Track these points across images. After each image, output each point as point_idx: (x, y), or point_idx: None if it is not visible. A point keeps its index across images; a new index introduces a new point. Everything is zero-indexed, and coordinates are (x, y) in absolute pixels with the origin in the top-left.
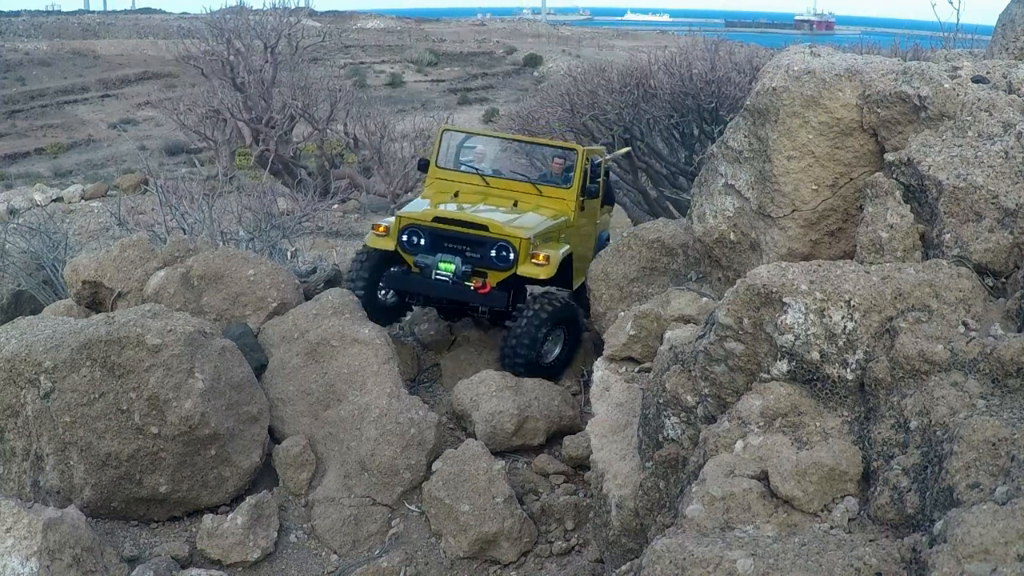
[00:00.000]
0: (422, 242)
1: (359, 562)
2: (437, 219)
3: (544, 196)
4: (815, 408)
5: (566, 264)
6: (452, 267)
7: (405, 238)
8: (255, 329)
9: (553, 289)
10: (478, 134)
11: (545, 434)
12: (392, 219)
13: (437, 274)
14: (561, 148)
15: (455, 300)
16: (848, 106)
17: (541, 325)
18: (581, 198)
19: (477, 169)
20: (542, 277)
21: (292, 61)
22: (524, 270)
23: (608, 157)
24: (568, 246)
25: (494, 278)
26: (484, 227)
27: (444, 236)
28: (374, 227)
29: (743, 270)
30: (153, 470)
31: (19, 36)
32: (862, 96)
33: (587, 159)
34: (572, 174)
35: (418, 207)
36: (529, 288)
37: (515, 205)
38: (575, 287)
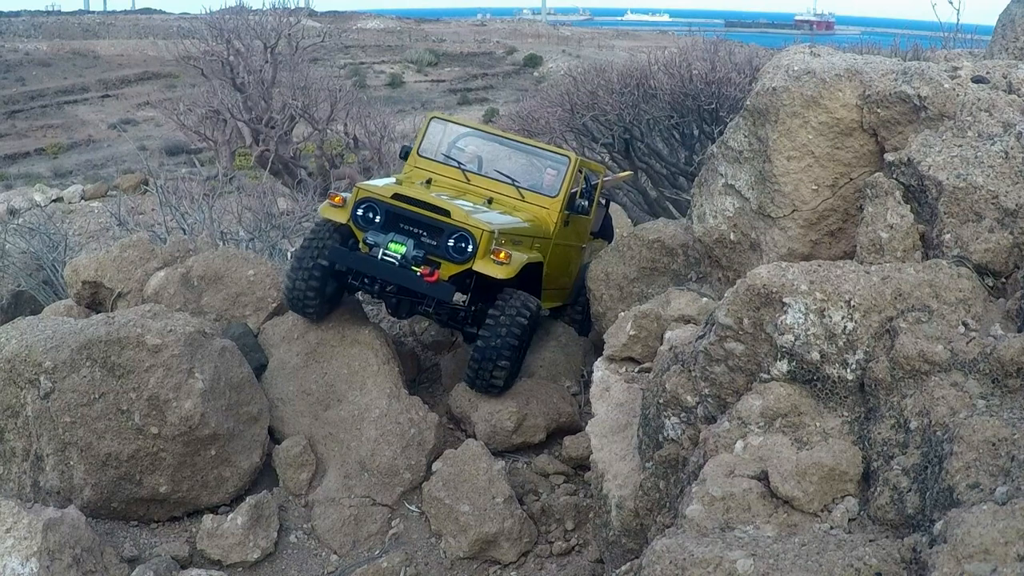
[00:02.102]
0: (377, 219)
1: (359, 562)
2: (397, 196)
3: (525, 202)
4: (815, 408)
5: (534, 276)
6: (403, 249)
7: (360, 212)
8: (255, 329)
9: (532, 298)
10: (467, 125)
11: (545, 431)
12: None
13: (385, 254)
14: (554, 153)
15: (397, 284)
16: (848, 106)
17: (522, 334)
18: (566, 211)
19: (459, 163)
20: (500, 277)
21: (292, 61)
22: (481, 266)
23: (609, 180)
24: (540, 255)
25: (447, 270)
26: (446, 212)
27: (401, 216)
28: (330, 195)
29: (743, 270)
30: (153, 470)
31: (19, 36)
32: (862, 96)
33: (580, 170)
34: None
35: (379, 182)
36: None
37: (489, 203)
38: (545, 307)
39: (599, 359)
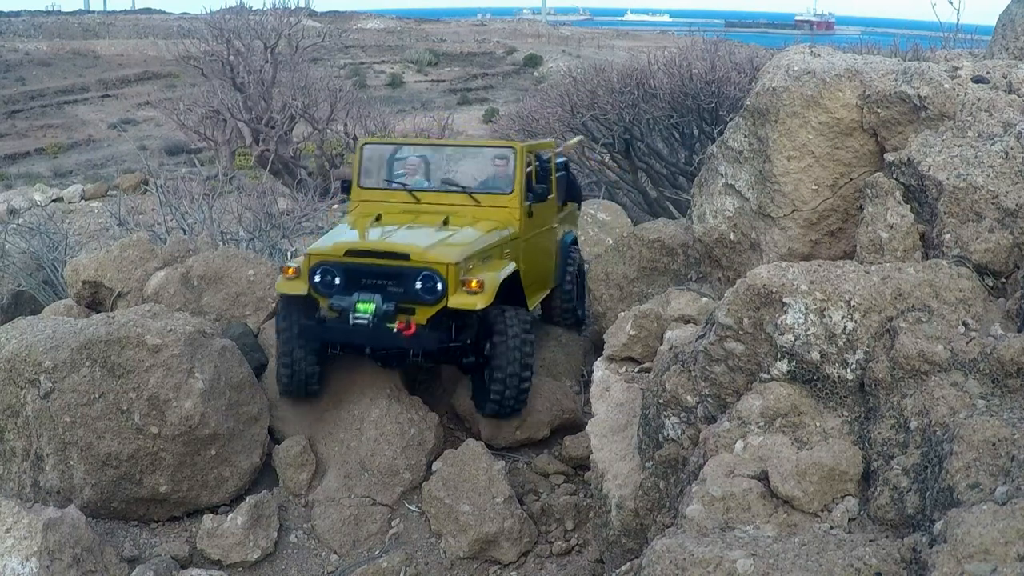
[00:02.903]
0: (337, 281)
1: (359, 562)
2: (350, 252)
3: (483, 207)
4: (815, 408)
5: (514, 284)
6: (371, 307)
7: (318, 278)
8: (255, 329)
9: (521, 310)
10: (402, 143)
11: (549, 427)
12: (301, 258)
13: (355, 318)
14: (495, 147)
15: (379, 346)
16: (848, 106)
17: (532, 351)
18: (528, 203)
19: (403, 184)
20: (479, 308)
21: (292, 61)
22: (456, 301)
23: (558, 149)
24: (512, 264)
25: (423, 313)
26: (404, 255)
27: (360, 271)
28: (283, 269)
29: (743, 270)
30: (153, 470)
31: (19, 36)
32: (862, 96)
33: (529, 157)
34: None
35: (329, 240)
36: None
37: (445, 223)
38: (531, 308)
39: (599, 359)
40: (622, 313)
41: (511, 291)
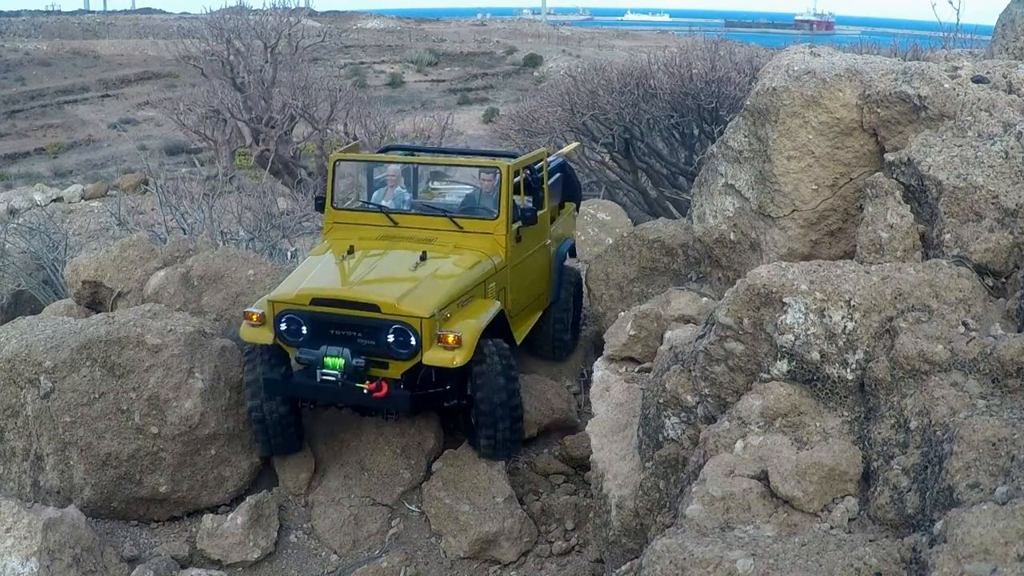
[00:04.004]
0: (304, 330)
1: (359, 562)
2: (316, 301)
3: (466, 233)
4: (815, 408)
5: (500, 320)
6: (340, 362)
7: (283, 327)
8: None
9: (502, 343)
10: (375, 160)
11: (537, 427)
12: (265, 302)
13: (323, 374)
14: (481, 167)
15: (349, 404)
16: (848, 106)
17: (515, 387)
18: (516, 225)
19: (380, 207)
20: (456, 365)
21: (292, 61)
22: (431, 358)
23: (551, 157)
24: (496, 304)
25: (397, 368)
26: (374, 307)
27: (328, 321)
28: (246, 315)
29: (743, 270)
30: (153, 470)
31: (19, 36)
32: (862, 96)
33: (515, 174)
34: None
35: (293, 284)
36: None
37: (423, 259)
38: (519, 341)
39: (599, 359)
40: (622, 313)
41: (496, 326)
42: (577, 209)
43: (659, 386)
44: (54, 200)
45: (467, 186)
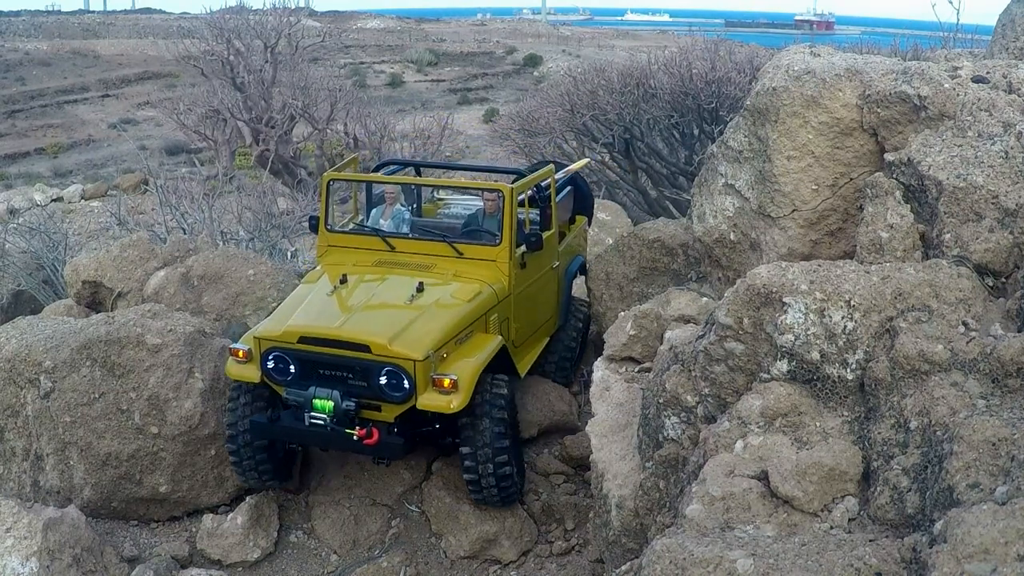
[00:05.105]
0: (292, 368)
1: (359, 562)
2: (304, 339)
3: (467, 260)
4: (815, 408)
5: (501, 355)
6: (330, 405)
7: (270, 365)
8: None
9: (501, 379)
10: (370, 180)
11: (537, 427)
12: (252, 338)
13: (311, 417)
14: (484, 189)
15: (338, 450)
16: (848, 106)
17: (508, 429)
18: (520, 250)
19: (376, 230)
20: (452, 409)
21: (292, 61)
22: (425, 402)
23: (559, 173)
24: (498, 339)
25: (390, 411)
26: (364, 347)
27: (317, 360)
28: (231, 351)
29: (743, 270)
30: (153, 470)
31: (19, 36)
32: (862, 96)
33: (519, 196)
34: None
35: (281, 319)
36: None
37: (419, 290)
38: (524, 373)
39: (599, 359)
40: (622, 313)
41: (498, 361)
42: (589, 223)
43: (659, 386)
44: (54, 200)
45: (476, 198)
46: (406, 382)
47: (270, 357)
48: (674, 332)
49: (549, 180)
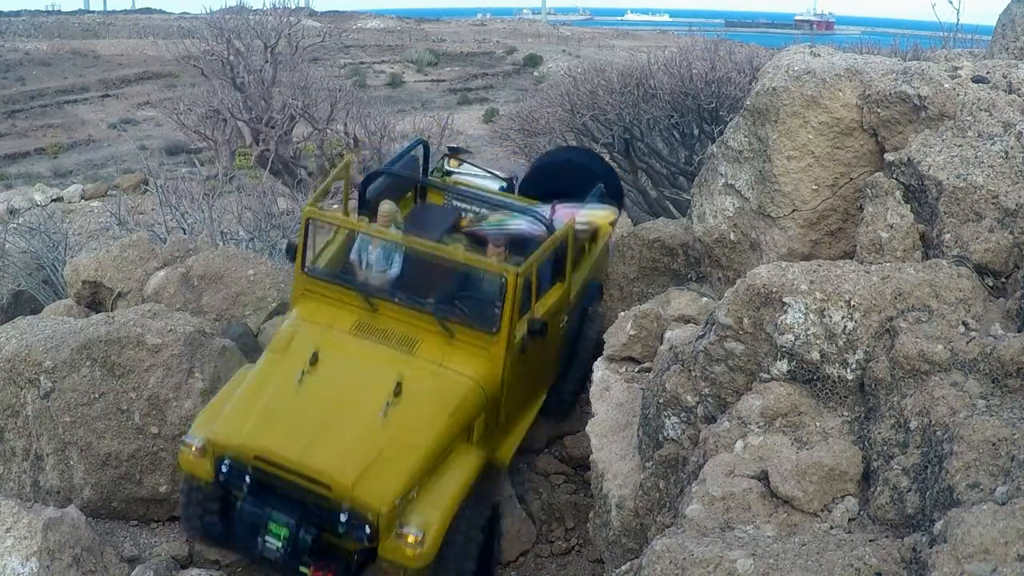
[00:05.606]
0: (247, 479)
1: None
2: (260, 459)
3: (457, 342)
4: (815, 408)
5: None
6: (284, 533)
7: (224, 471)
8: (255, 329)
9: (476, 524)
10: (354, 227)
11: (546, 438)
12: (205, 433)
13: (264, 541)
14: (483, 270)
15: None
16: (848, 106)
17: (480, 549)
18: (522, 339)
19: (359, 285)
20: (416, 566)
21: (292, 61)
22: (388, 553)
23: (579, 226)
24: (479, 457)
25: (351, 545)
26: (325, 485)
27: (274, 480)
28: (184, 444)
29: (743, 270)
30: (153, 470)
31: (19, 36)
32: (862, 96)
33: (524, 279)
34: (498, 307)
35: (237, 418)
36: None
37: (397, 393)
38: (510, 457)
39: (599, 359)
40: (622, 313)
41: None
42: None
43: (659, 386)
44: (54, 200)
45: (490, 177)
46: (368, 528)
47: (224, 463)
48: (674, 332)
49: (578, 229)
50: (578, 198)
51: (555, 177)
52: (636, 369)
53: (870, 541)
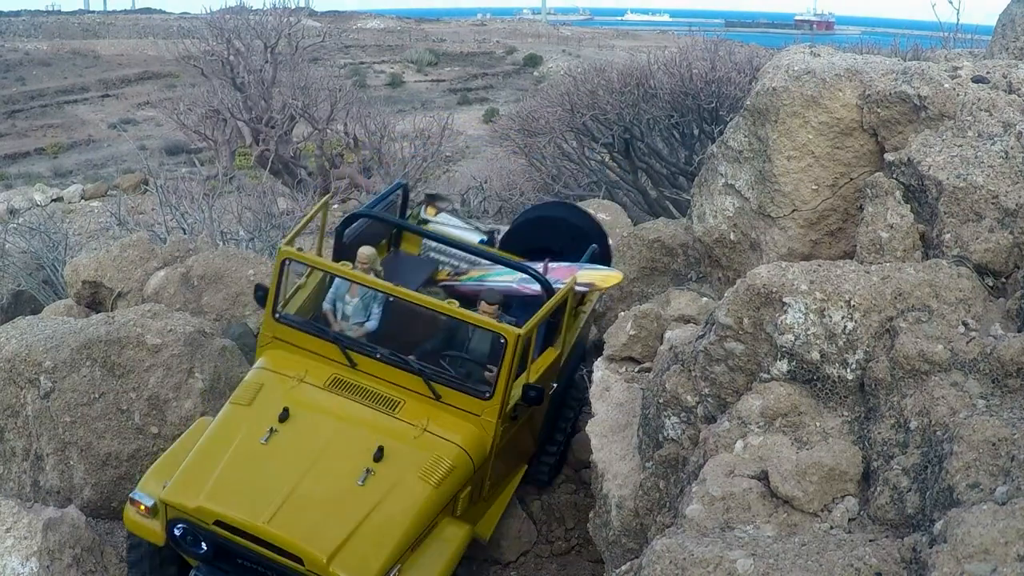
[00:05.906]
0: (203, 545)
1: None
2: (221, 524)
3: (446, 405)
4: (815, 408)
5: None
6: None
7: (178, 534)
8: (255, 329)
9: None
10: (332, 271)
11: None
12: (156, 491)
13: None
14: (484, 328)
15: None
16: (848, 106)
17: None
18: (515, 405)
19: (336, 337)
20: None
21: (292, 61)
22: None
23: (579, 284)
24: (465, 532)
25: None
26: (296, 558)
27: (235, 551)
28: (132, 501)
29: (743, 270)
30: None
31: (19, 36)
32: (862, 96)
33: (523, 342)
34: (495, 374)
35: (195, 478)
36: None
37: (377, 459)
38: (491, 531)
39: (599, 359)
40: (622, 313)
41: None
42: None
43: (659, 386)
44: (54, 200)
45: (471, 229)
46: None
47: (178, 526)
48: (674, 332)
49: (567, 288)
50: (567, 257)
51: (543, 234)
52: (636, 369)
53: (870, 541)
